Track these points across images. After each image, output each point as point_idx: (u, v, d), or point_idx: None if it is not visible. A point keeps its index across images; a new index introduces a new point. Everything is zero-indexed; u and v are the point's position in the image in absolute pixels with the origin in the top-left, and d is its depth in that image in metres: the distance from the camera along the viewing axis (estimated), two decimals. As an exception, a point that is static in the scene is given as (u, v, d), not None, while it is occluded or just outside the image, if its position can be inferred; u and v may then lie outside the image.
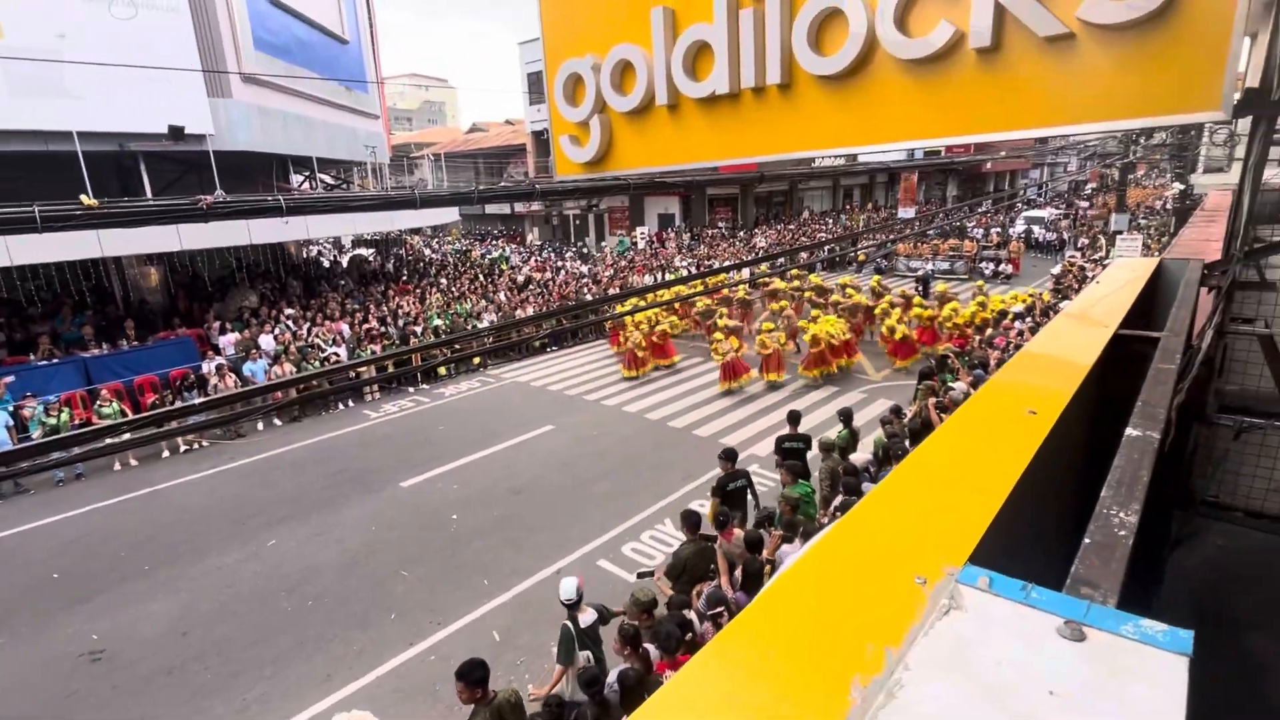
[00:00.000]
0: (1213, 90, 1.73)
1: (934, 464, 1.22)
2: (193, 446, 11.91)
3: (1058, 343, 2.18)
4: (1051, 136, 18.06)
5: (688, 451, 10.73)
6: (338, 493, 9.83)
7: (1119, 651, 0.68)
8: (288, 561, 8.04)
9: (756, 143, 2.67)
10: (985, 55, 1.99)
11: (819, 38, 2.30)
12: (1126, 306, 2.41)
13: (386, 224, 19.61)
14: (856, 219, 39.91)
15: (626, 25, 2.84)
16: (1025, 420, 1.34)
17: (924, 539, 0.95)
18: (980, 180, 51.44)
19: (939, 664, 0.69)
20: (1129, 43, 1.78)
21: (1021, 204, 34.51)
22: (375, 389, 14.30)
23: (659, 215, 36.29)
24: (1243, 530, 3.17)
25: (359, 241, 27.31)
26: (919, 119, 2.23)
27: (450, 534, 8.50)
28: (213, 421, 4.97)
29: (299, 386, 10.07)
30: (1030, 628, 0.72)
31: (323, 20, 17.44)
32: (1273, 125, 2.70)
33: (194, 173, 14.70)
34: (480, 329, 15.65)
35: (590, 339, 18.52)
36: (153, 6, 12.24)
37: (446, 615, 6.85)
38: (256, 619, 6.97)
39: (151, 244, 12.99)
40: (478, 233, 42.67)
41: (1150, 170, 39.37)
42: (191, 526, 9.05)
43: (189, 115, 12.55)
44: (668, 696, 0.71)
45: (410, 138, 55.39)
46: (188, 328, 14.83)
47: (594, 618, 5.12)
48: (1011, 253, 26.43)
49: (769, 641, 0.75)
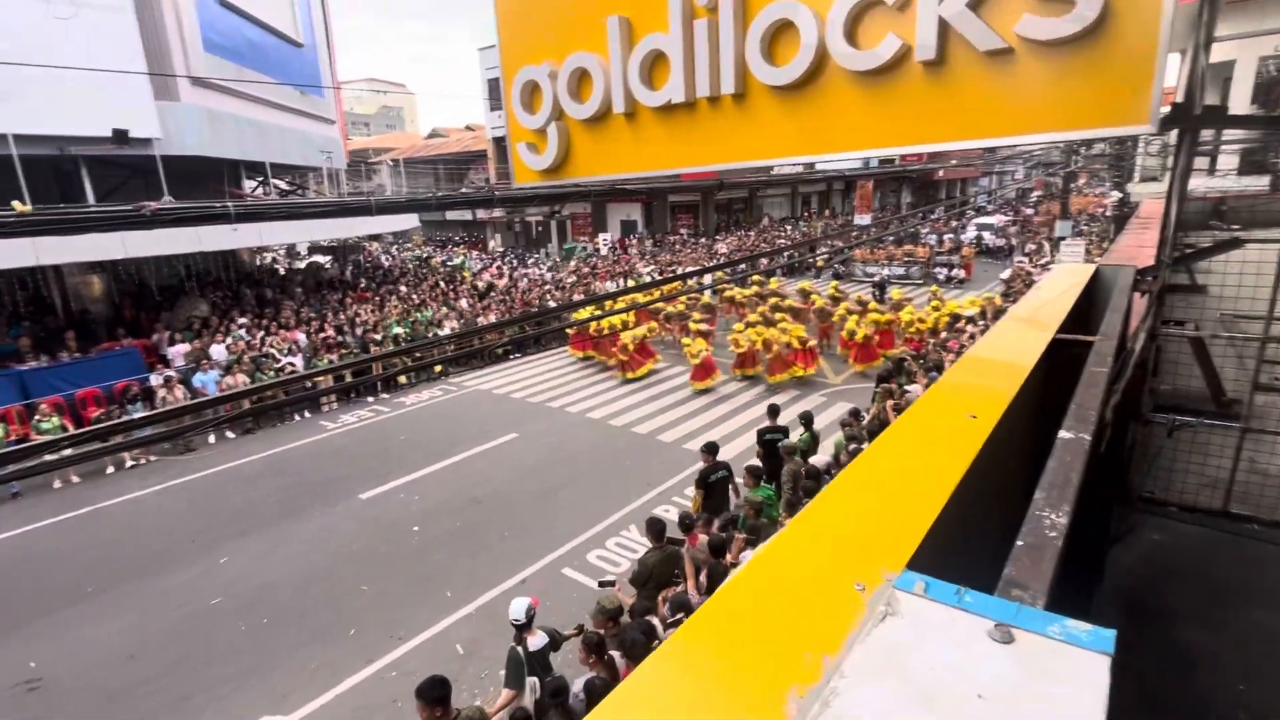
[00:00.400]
0: (1142, 105, 1.80)
1: (878, 469, 1.25)
2: (139, 462, 11.44)
3: (1000, 347, 2.26)
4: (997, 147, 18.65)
5: (652, 457, 10.74)
6: (293, 506, 9.55)
7: (1045, 653, 0.70)
8: (241, 579, 7.77)
9: (713, 151, 2.69)
10: (931, 68, 2.04)
11: (771, 49, 2.33)
12: (1065, 311, 2.50)
13: (344, 230, 19.22)
14: (815, 226, 40.62)
15: (583, 33, 2.83)
16: (966, 425, 1.38)
17: (865, 545, 0.97)
18: (933, 187, 52.91)
19: (874, 671, 0.70)
20: (1064, 59, 1.85)
21: (972, 211, 35.59)
22: (333, 399, 13.95)
23: (621, 222, 36.38)
24: (1177, 524, 3.31)
25: (315, 248, 26.69)
26: (870, 129, 2.27)
27: (411, 546, 8.34)
28: (161, 435, 4.78)
29: (253, 397, 9.78)
30: (962, 632, 0.74)
31: (276, 23, 17.04)
32: (1197, 137, 2.85)
33: (140, 178, 14.18)
34: (441, 336, 15.44)
35: (553, 346, 18.43)
36: (95, 6, 11.78)
37: (408, 629, 6.71)
38: (208, 639, 6.72)
39: (93, 251, 12.45)
40: (439, 239, 42.11)
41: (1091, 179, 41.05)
42: (139, 545, 8.69)
43: (134, 118, 12.12)
44: (610, 708, 0.71)
45: (368, 143, 54.45)
46: (134, 338, 14.25)
47: (544, 642, 4.95)
48: (964, 258, 27.22)
49: (711, 652, 0.76)
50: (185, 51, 13.46)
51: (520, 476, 10.23)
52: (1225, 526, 3.32)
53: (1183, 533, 3.24)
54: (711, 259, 28.69)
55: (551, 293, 21.86)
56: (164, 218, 4.39)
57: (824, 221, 42.38)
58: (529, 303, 20.28)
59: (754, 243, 33.53)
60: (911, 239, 31.38)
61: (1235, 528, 3.32)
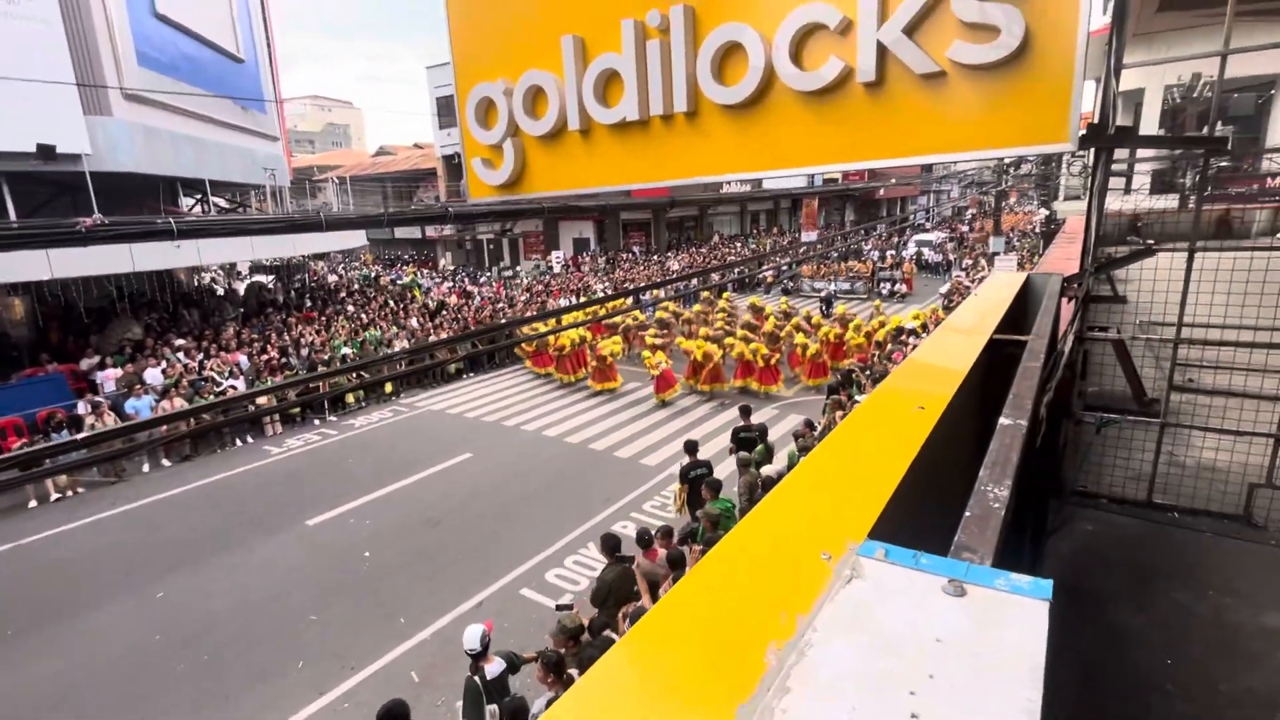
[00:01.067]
0: (1062, 125, 1.97)
1: (836, 456, 1.34)
2: (65, 494, 10.78)
3: (942, 348, 2.40)
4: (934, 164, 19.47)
5: (609, 473, 10.74)
6: (235, 536, 9.16)
7: (993, 603, 0.79)
8: (180, 614, 7.39)
9: (666, 167, 2.77)
10: (872, 89, 2.17)
11: (721, 69, 2.43)
12: (1000, 315, 2.68)
13: (289, 248, 18.66)
14: (763, 242, 41.60)
15: (537, 52, 2.88)
16: (915, 415, 1.48)
17: (829, 520, 1.04)
18: (875, 206, 54.95)
19: (843, 625, 0.77)
20: (992, 82, 2.01)
21: (912, 228, 37.11)
22: (277, 421, 13.45)
23: (574, 239, 36.48)
24: (1108, 515, 3.54)
25: (257, 268, 25.81)
26: (815, 146, 2.39)
27: (362, 572, 8.10)
28: (89, 460, 4.54)
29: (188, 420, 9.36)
30: (920, 588, 0.82)
31: (216, 38, 16.58)
32: (1112, 156, 3.09)
33: (68, 195, 13.53)
34: (392, 353, 15.12)
35: (508, 364, 18.27)
36: (19, 17, 11.25)
37: (360, 659, 6.51)
38: (143, 680, 6.36)
39: (14, 272, 11.78)
40: (387, 257, 41.28)
41: (1021, 198, 43.41)
42: (67, 582, 8.17)
43: (62, 133, 11.57)
44: (604, 667, 0.75)
45: (313, 160, 53.18)
46: (59, 363, 13.49)
47: (501, 668, 4.88)
48: (905, 273, 28.32)
49: (694, 616, 0.81)
50: (118, 65, 12.94)
51: (475, 497, 10.08)
52: (1149, 516, 3.58)
53: (1112, 522, 3.47)
54: (664, 276, 29.02)
55: (505, 311, 21.71)
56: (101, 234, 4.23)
57: (772, 239, 43.43)
58: (481, 321, 20.08)
59: (705, 260, 34.09)
60: (855, 255, 32.48)
61: (1158, 516, 3.59)
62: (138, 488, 11.01)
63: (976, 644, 0.72)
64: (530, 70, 2.89)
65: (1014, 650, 0.71)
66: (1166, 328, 4.03)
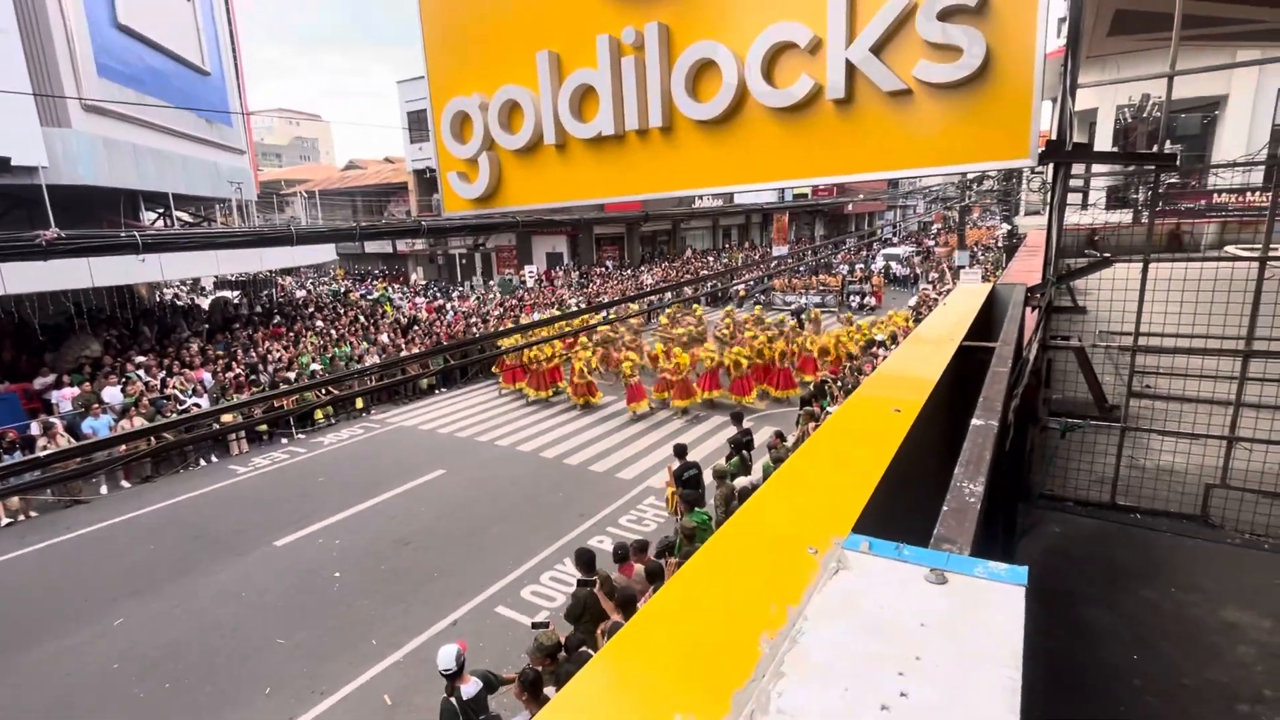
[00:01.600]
0: (1022, 141, 2.06)
1: (818, 457, 1.37)
2: (17, 519, 10.36)
3: (915, 353, 2.48)
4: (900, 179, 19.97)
5: (585, 488, 10.69)
6: (199, 559, 8.88)
7: (973, 589, 0.82)
8: (141, 641, 7.13)
9: (641, 181, 2.80)
10: (841, 106, 2.25)
11: (695, 86, 2.49)
12: (968, 323, 2.77)
13: (255, 263, 18.32)
14: (735, 257, 42.07)
15: (513, 67, 2.90)
16: (892, 417, 1.53)
17: (814, 517, 1.07)
18: (844, 221, 56.01)
19: (831, 613, 0.80)
20: (956, 100, 2.09)
21: (879, 243, 37.90)
22: (243, 439, 13.12)
23: (547, 254, 36.46)
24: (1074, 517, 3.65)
25: (222, 283, 25.27)
26: (787, 161, 2.45)
27: (332, 594, 7.91)
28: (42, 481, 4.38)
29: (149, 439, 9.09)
30: (903, 577, 0.85)
31: (181, 50, 16.31)
32: (1069, 171, 3.23)
33: (23, 208, 13.11)
34: (363, 368, 14.89)
35: (480, 379, 18.12)
36: (-28, 26, 10.97)
37: (331, 682, 6.34)
38: (100, 711, 6.11)
39: (-34, 289, 11.38)
40: (358, 272, 40.76)
41: (984, 213, 44.68)
42: (20, 609, 7.83)
43: (17, 145, 11.24)
44: (608, 656, 0.77)
45: (281, 174, 52.43)
46: (11, 382, 13.01)
47: (479, 688, 4.83)
48: (874, 286, 28.87)
49: (687, 610, 0.84)
50: (77, 76, 12.63)
51: (449, 514, 9.94)
52: (1113, 517, 3.71)
53: (1079, 524, 3.59)
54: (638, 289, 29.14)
55: (478, 325, 21.56)
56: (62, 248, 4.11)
57: (744, 253, 43.94)
58: (454, 335, 19.90)
59: (679, 274, 34.34)
60: (825, 269, 33.03)
61: (1121, 518, 3.72)
62: (96, 510, 10.63)
63: (959, 627, 0.75)
64: (506, 85, 2.91)
65: (995, 632, 0.74)
66: (1124, 336, 4.20)
